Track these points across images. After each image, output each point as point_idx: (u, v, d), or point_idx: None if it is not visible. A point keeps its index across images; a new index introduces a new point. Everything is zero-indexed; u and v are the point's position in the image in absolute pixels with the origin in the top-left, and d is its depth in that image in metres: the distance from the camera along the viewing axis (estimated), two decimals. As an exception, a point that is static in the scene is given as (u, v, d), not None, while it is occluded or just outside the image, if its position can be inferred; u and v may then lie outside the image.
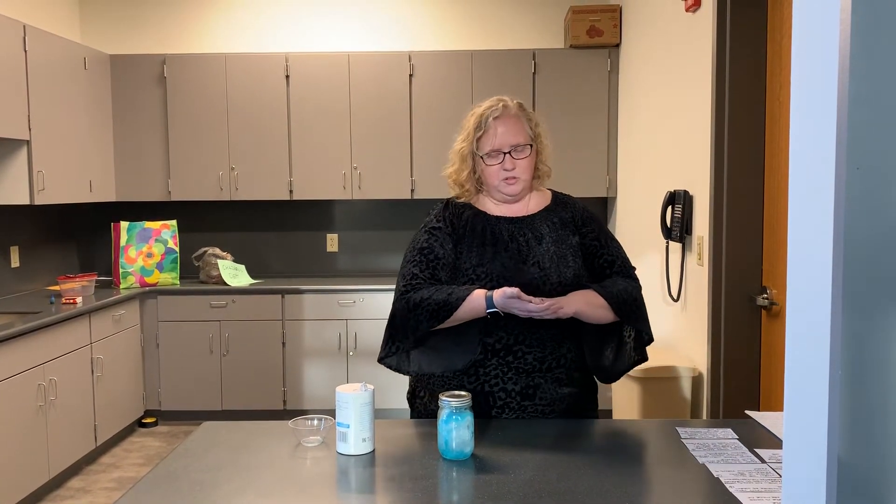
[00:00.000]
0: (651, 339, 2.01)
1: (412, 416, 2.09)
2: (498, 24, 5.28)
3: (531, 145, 2.00)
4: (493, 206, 2.05)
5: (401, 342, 1.95)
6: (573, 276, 1.96)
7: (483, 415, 1.92)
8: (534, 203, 2.06)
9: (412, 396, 2.10)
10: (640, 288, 2.03)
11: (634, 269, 2.08)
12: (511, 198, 2.02)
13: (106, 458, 4.31)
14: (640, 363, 2.03)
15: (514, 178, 1.98)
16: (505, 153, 1.97)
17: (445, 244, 1.99)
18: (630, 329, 2.00)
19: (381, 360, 1.99)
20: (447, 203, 2.09)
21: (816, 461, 0.70)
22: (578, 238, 2.03)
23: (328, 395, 4.80)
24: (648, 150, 4.18)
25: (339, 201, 5.35)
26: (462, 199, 2.07)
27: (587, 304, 1.89)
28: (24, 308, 3.97)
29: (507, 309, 1.82)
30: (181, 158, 5.03)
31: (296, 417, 1.81)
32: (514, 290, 1.78)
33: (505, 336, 1.91)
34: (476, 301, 1.85)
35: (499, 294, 1.81)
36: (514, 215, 2.03)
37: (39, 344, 3.62)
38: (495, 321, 1.88)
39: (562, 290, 1.91)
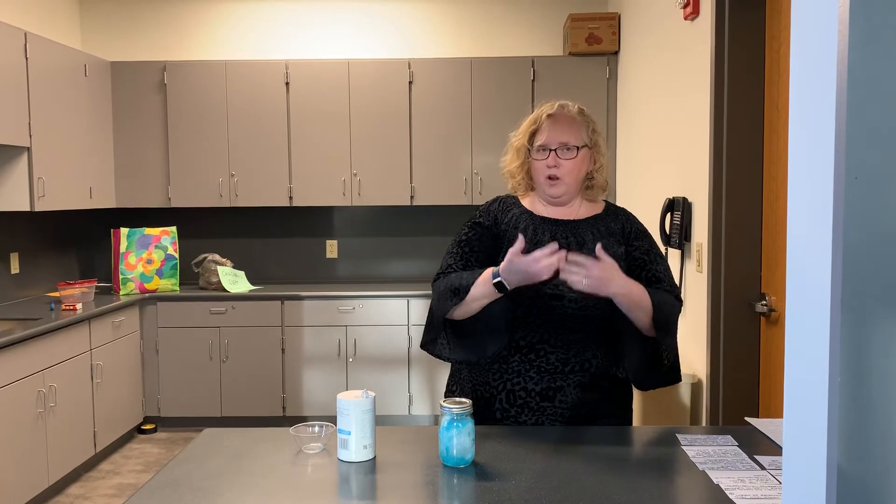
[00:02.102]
0: (672, 363, 1.96)
1: None
2: (497, 32, 5.29)
3: (579, 147, 1.97)
4: (540, 207, 2.05)
5: (436, 328, 2.00)
6: None
7: (503, 413, 1.95)
8: (584, 210, 2.05)
9: (448, 393, 2.12)
10: (679, 312, 1.99)
11: (680, 291, 2.05)
12: (553, 199, 2.02)
13: (105, 464, 4.31)
14: (673, 383, 2.00)
15: (557, 178, 1.97)
16: (551, 150, 1.97)
17: (484, 239, 2.03)
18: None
19: (422, 346, 2.07)
20: (496, 199, 2.12)
21: (816, 468, 0.70)
22: (625, 249, 2.00)
23: (328, 401, 4.80)
24: (647, 157, 4.19)
25: (339, 208, 5.36)
26: (515, 192, 2.09)
27: (636, 294, 1.84)
28: (23, 314, 3.97)
29: (516, 275, 1.79)
30: (181, 165, 5.04)
31: (297, 424, 1.82)
32: (517, 247, 1.77)
33: (530, 333, 1.93)
34: (487, 275, 1.86)
35: (504, 262, 1.81)
36: (560, 218, 2.02)
37: (39, 350, 3.62)
38: (524, 318, 1.90)
39: (597, 298, 1.87)
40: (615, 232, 2.02)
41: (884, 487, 0.70)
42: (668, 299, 1.94)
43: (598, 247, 1.80)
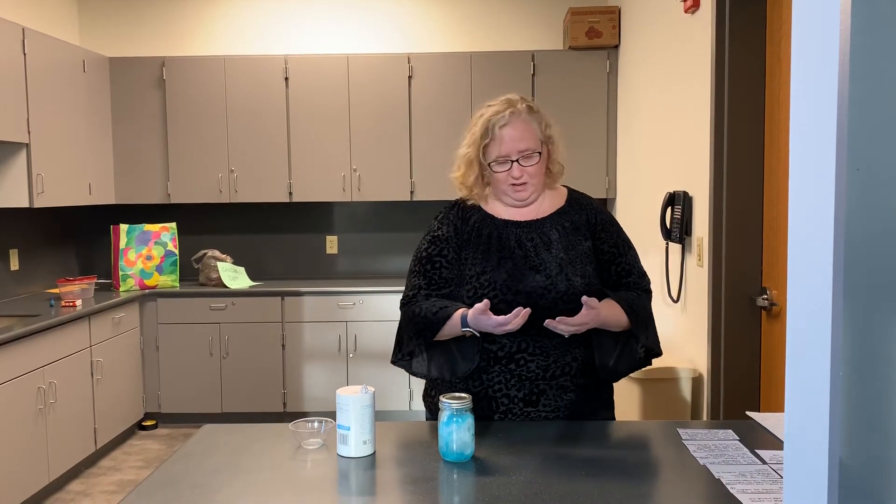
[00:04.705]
0: (659, 353, 2.01)
1: (427, 414, 2.09)
2: (497, 26, 5.28)
3: (540, 152, 1.93)
4: (501, 209, 1.99)
5: (406, 350, 1.98)
6: (582, 283, 1.89)
7: (486, 419, 1.92)
8: (546, 204, 2.00)
9: (426, 395, 2.09)
10: (650, 302, 2.01)
11: (650, 281, 2.04)
12: (520, 202, 1.97)
13: (106, 460, 4.31)
14: (643, 367, 2.03)
15: (523, 184, 1.93)
16: (513, 161, 1.92)
17: (446, 252, 1.98)
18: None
19: (393, 363, 2.03)
20: (455, 205, 2.05)
21: (818, 462, 0.70)
22: (592, 243, 1.96)
23: (328, 397, 4.80)
24: (648, 151, 4.18)
25: (339, 203, 5.35)
26: (471, 201, 2.03)
27: (612, 322, 1.88)
28: (23, 311, 3.97)
29: (480, 328, 1.81)
30: (180, 161, 5.03)
31: (296, 420, 1.81)
32: (481, 305, 1.77)
33: (508, 344, 1.89)
34: (455, 319, 1.85)
35: (471, 313, 1.80)
36: (522, 219, 1.97)
37: (39, 347, 3.62)
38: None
39: (569, 298, 1.85)
40: (580, 225, 1.98)
41: (885, 481, 0.69)
42: (638, 301, 1.95)
43: (584, 299, 1.79)
